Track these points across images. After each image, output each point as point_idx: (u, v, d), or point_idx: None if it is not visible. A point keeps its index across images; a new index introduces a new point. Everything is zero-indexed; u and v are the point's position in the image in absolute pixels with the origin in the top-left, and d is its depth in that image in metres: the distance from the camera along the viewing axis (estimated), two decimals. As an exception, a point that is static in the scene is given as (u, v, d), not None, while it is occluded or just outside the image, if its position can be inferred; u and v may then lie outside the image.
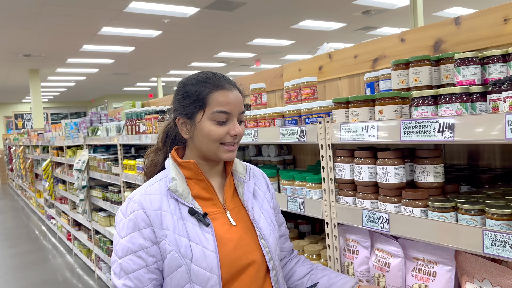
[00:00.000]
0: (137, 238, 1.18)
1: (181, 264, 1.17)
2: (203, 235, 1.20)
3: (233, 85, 1.29)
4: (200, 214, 1.22)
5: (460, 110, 1.28)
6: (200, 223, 1.22)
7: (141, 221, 1.19)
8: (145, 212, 1.20)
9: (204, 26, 10.18)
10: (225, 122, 1.25)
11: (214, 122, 1.24)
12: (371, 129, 1.49)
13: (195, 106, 1.25)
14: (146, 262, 1.18)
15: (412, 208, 1.41)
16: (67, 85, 19.41)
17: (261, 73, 3.23)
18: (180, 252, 1.17)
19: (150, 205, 1.21)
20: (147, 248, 1.18)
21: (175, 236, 1.18)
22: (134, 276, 1.17)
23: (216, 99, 1.24)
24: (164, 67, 15.93)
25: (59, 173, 6.87)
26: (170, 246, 1.17)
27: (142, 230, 1.19)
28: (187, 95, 1.27)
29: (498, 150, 1.84)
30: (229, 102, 1.24)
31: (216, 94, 1.24)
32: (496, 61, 1.49)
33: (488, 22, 1.78)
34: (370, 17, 10.56)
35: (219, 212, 1.27)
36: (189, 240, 1.19)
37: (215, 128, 1.24)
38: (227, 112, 1.24)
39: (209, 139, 1.25)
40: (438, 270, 1.39)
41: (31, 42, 10.80)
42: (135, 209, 1.21)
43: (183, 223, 1.21)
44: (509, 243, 1.14)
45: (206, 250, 1.18)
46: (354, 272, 1.66)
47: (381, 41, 2.30)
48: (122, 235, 1.21)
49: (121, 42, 11.34)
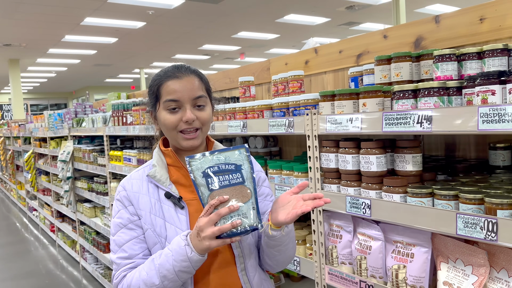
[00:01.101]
0: (124, 213, 1.33)
1: (157, 242, 1.29)
2: (177, 217, 1.30)
3: (187, 72, 1.32)
4: (175, 197, 1.32)
5: (437, 103, 1.38)
6: (175, 206, 1.32)
7: (125, 200, 1.35)
8: (127, 193, 1.35)
9: (189, 18, 10.16)
10: (177, 110, 1.30)
11: (167, 111, 1.31)
12: (355, 121, 1.58)
13: (153, 98, 1.36)
14: (136, 232, 1.31)
15: (392, 194, 1.51)
16: (47, 76, 19.09)
17: (248, 66, 3.30)
18: (156, 231, 1.29)
19: (131, 188, 1.36)
20: (135, 221, 1.32)
21: (151, 216, 1.31)
22: (128, 247, 1.30)
23: (165, 88, 1.31)
24: (148, 58, 15.81)
25: (42, 164, 6.82)
26: (146, 225, 1.31)
27: (128, 207, 1.34)
28: (149, 90, 1.38)
29: (473, 142, 1.96)
30: (177, 90, 1.29)
31: (165, 84, 1.31)
32: (471, 58, 1.59)
33: (465, 21, 1.89)
34: (354, 13, 10.70)
35: (195, 199, 1.33)
36: (165, 221, 1.30)
37: (168, 117, 1.30)
38: (176, 100, 1.29)
39: (166, 128, 1.32)
40: (415, 251, 1.50)
41: (11, 32, 10.59)
42: (120, 191, 1.37)
43: (160, 205, 1.32)
44: (479, 225, 1.25)
45: (179, 230, 1.29)
46: (337, 255, 1.76)
47: (365, 37, 2.39)
48: (113, 215, 1.36)
49: (104, 32, 11.22)
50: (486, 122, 1.20)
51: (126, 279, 1.27)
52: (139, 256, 1.30)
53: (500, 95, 1.24)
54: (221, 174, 1.20)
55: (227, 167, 1.21)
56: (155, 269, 1.21)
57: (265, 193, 1.49)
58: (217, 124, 2.39)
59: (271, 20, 10.91)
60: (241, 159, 1.23)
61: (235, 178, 1.21)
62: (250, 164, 1.24)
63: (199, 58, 16.06)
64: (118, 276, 1.29)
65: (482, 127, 1.21)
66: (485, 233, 1.23)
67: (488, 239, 1.23)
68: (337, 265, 1.77)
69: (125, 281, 1.27)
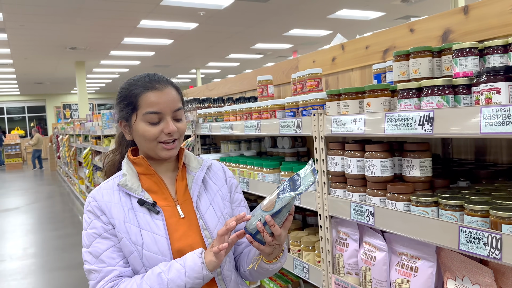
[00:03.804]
0: (97, 223, 1.28)
1: (133, 250, 1.24)
2: (153, 222, 1.27)
3: (165, 84, 1.30)
4: (149, 203, 1.28)
5: (440, 103, 1.25)
6: (150, 212, 1.28)
7: (97, 210, 1.29)
8: (98, 203, 1.30)
9: (239, 17, 10.22)
10: (159, 122, 1.28)
11: (148, 123, 1.27)
12: (359, 122, 1.47)
13: (128, 109, 1.30)
14: (112, 241, 1.26)
15: (396, 202, 1.39)
16: (111, 77, 20.15)
17: (279, 64, 3.23)
18: (131, 240, 1.24)
19: (101, 198, 1.30)
20: (109, 230, 1.27)
21: (125, 224, 1.26)
22: (106, 256, 1.24)
23: (146, 100, 1.27)
24: (203, 59, 16.16)
25: (98, 161, 7.20)
26: (121, 234, 1.25)
27: (100, 216, 1.28)
28: (121, 99, 1.32)
29: (505, 145, 1.76)
30: (159, 102, 1.26)
31: (145, 95, 1.27)
32: (496, 51, 1.42)
33: (495, 11, 1.70)
34: (410, 6, 10.18)
35: (169, 206, 1.31)
36: (140, 228, 1.26)
37: (148, 129, 1.27)
38: (158, 112, 1.26)
39: (145, 139, 1.29)
40: (420, 265, 1.37)
41: (75, 36, 11.30)
42: (91, 201, 1.31)
43: (134, 213, 1.27)
44: (482, 240, 1.11)
45: (156, 235, 1.25)
46: (344, 264, 1.66)
47: (391, 31, 2.24)
48: (85, 227, 1.30)
49: (160, 34, 11.62)
50: (490, 124, 1.06)
51: None
52: (120, 264, 1.25)
53: (507, 93, 1.09)
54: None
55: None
56: (162, 284, 1.17)
57: (239, 199, 1.46)
58: (236, 123, 2.35)
59: (322, 16, 10.68)
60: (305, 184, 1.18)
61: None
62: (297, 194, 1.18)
63: (252, 57, 16.13)
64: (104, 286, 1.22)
65: (485, 130, 1.07)
66: (489, 250, 1.09)
67: (491, 256, 1.09)
68: (343, 275, 1.67)
69: None
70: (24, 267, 5.40)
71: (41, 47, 12.47)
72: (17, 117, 24.29)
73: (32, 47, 12.42)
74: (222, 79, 4.33)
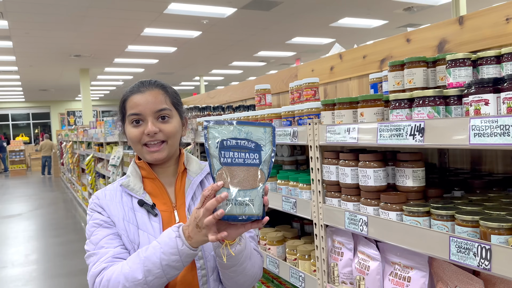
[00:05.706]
0: (98, 216, 1.34)
1: (130, 248, 1.29)
2: (150, 224, 1.30)
3: (151, 87, 1.34)
4: (148, 205, 1.32)
5: (431, 114, 1.26)
6: (148, 213, 1.32)
7: (98, 207, 1.36)
8: (100, 201, 1.37)
9: (242, 26, 10.29)
10: (141, 123, 1.31)
11: (131, 125, 1.33)
12: (352, 132, 1.49)
13: (120, 114, 1.39)
14: (112, 230, 1.31)
15: (389, 211, 1.40)
16: (115, 84, 20.28)
17: (279, 73, 3.26)
18: (129, 237, 1.29)
19: (103, 197, 1.38)
20: (108, 222, 1.32)
21: (124, 222, 1.31)
22: (105, 241, 1.27)
23: (129, 103, 1.34)
24: (206, 66, 16.24)
25: (100, 168, 7.23)
26: (120, 231, 1.31)
27: (101, 212, 1.35)
28: (118, 107, 1.41)
29: (500, 154, 1.77)
30: (139, 104, 1.30)
31: (130, 99, 1.34)
32: (489, 62, 1.44)
33: (490, 22, 1.72)
34: (413, 14, 10.22)
35: (167, 211, 1.34)
36: (138, 228, 1.30)
37: (132, 130, 1.33)
38: (137, 114, 1.30)
39: (131, 141, 1.35)
40: (413, 275, 1.37)
41: (80, 43, 11.39)
42: (94, 200, 1.39)
43: (133, 213, 1.32)
44: (472, 250, 1.11)
45: (151, 237, 1.28)
46: (338, 273, 1.66)
47: (388, 41, 2.26)
48: (87, 220, 1.37)
49: (163, 42, 11.70)
50: (478, 135, 1.07)
51: (106, 272, 1.18)
52: (116, 247, 1.26)
53: (495, 105, 1.10)
54: (237, 150, 1.08)
55: (246, 144, 1.09)
56: (139, 262, 1.13)
57: None
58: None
59: (325, 24, 10.74)
60: (264, 139, 1.11)
61: (252, 158, 1.08)
62: (273, 147, 1.12)
63: (256, 64, 16.20)
64: (98, 267, 1.21)
65: (474, 141, 1.08)
66: (478, 260, 1.09)
67: (481, 267, 1.09)
68: (338, 284, 1.67)
69: (105, 275, 1.18)
70: (26, 274, 5.42)
71: (46, 54, 12.59)
72: (21, 123, 24.46)
73: (37, 54, 12.53)
74: (223, 87, 4.36)
